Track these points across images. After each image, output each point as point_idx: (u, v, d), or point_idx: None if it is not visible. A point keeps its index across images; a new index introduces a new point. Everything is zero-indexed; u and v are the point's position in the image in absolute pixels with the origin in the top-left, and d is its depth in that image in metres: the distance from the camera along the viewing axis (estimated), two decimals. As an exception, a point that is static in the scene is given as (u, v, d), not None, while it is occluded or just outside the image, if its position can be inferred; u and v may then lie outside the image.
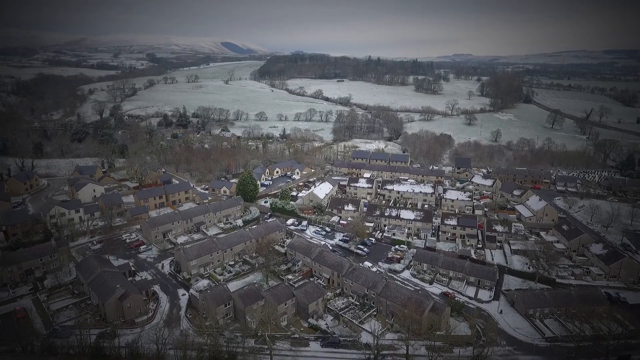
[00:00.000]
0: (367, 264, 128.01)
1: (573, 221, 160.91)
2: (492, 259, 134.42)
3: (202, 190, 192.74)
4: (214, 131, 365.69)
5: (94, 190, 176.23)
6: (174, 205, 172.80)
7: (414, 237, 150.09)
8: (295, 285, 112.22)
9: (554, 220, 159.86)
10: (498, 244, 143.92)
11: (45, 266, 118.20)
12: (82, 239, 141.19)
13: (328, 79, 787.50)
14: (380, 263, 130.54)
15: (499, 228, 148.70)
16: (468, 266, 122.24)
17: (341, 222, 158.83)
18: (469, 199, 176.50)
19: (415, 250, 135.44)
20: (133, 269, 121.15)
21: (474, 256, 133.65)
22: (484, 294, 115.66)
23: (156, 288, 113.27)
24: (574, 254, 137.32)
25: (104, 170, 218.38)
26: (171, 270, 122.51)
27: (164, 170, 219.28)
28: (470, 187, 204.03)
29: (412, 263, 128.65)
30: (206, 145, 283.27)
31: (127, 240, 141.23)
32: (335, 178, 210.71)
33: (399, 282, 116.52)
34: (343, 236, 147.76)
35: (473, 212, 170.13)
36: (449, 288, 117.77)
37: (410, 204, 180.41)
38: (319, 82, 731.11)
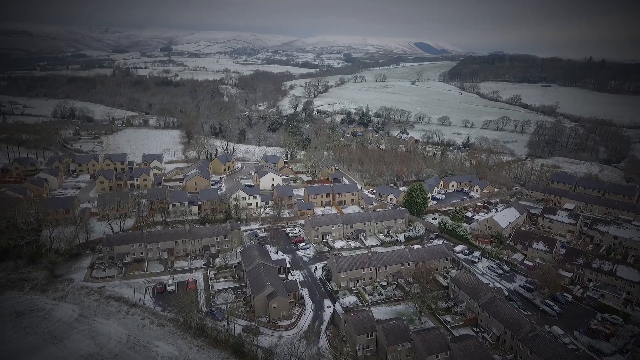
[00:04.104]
0: (557, 329, 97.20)
1: None
2: None
3: (369, 194, 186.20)
4: (393, 132, 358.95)
5: (273, 179, 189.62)
6: (339, 205, 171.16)
7: (636, 308, 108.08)
8: (454, 334, 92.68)
9: None
10: None
11: (219, 245, 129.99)
12: (254, 225, 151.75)
13: (531, 83, 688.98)
14: (577, 333, 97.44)
15: None
16: None
17: (526, 262, 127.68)
18: None
19: (637, 328, 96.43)
20: (288, 266, 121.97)
21: None
22: None
23: (304, 292, 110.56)
24: None
25: (286, 161, 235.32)
26: (322, 277, 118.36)
27: (336, 167, 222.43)
28: None
29: (630, 346, 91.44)
30: (382, 147, 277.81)
31: (290, 235, 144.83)
32: (523, 203, 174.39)
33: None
34: (526, 282, 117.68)
35: None
36: (695, 406, 78.22)
37: (633, 256, 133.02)
38: (519, 87, 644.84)
